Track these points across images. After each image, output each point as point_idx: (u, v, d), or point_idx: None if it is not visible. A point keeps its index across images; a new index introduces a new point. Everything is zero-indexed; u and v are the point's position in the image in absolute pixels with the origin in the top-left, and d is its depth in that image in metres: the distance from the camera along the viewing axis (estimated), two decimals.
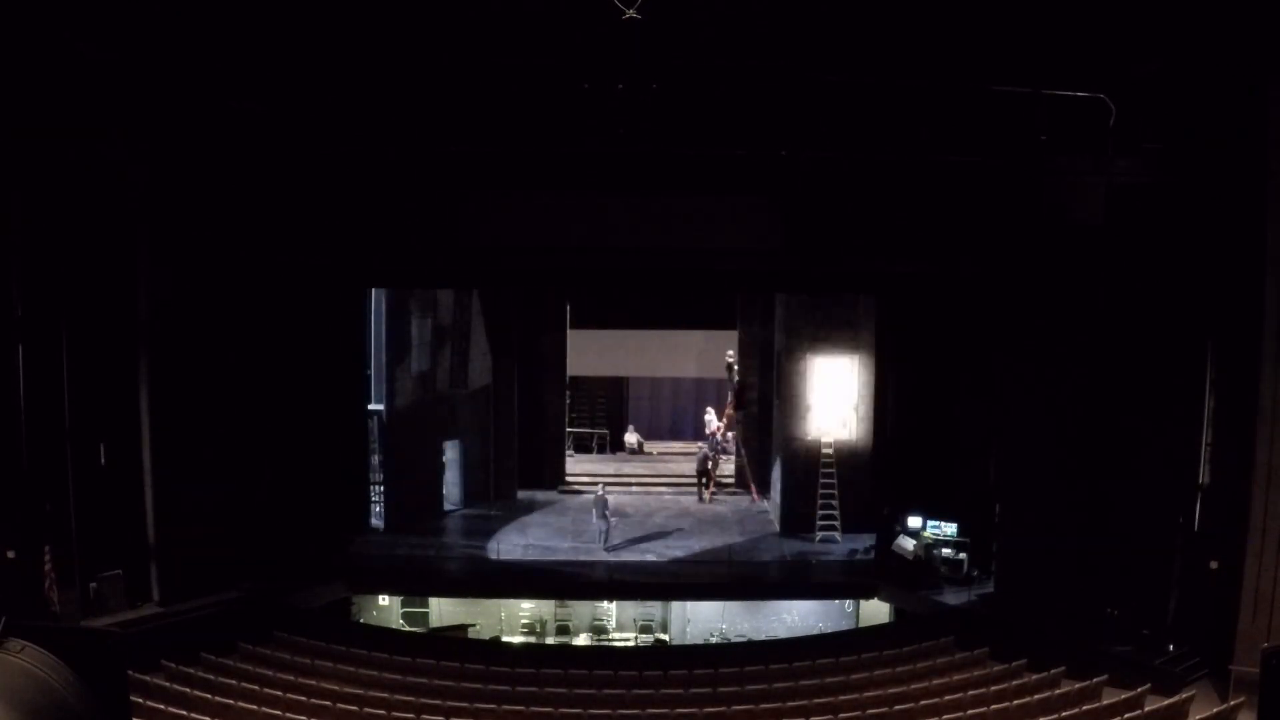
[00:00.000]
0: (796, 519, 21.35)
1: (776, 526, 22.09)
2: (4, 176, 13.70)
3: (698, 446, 24.96)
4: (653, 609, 20.17)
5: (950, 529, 18.69)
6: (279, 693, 12.61)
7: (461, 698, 13.15)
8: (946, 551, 18.42)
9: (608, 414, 29.45)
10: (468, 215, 17.12)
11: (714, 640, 19.61)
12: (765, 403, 23.90)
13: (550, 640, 19.68)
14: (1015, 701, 12.59)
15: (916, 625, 17.24)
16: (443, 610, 20.10)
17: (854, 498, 20.96)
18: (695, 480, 24.05)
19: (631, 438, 28.21)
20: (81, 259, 14.82)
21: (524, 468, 24.75)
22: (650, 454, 28.32)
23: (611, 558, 19.82)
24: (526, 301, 24.81)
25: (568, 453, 26.72)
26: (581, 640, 19.73)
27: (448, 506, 22.83)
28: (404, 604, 20.09)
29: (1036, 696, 12.76)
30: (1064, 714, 11.92)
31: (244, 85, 14.69)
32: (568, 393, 26.80)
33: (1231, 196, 14.20)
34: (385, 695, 12.90)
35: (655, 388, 29.82)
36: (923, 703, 12.79)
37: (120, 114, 14.62)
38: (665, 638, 19.98)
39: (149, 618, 15.26)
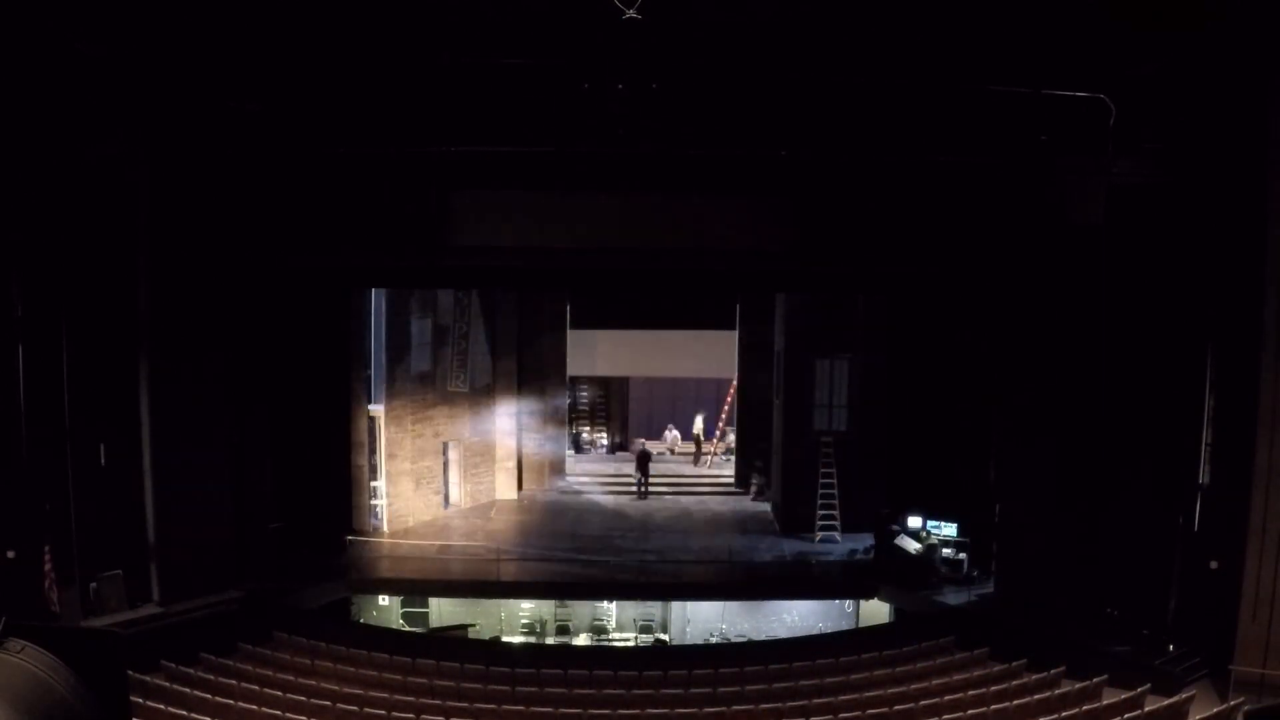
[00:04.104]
0: (796, 519, 21.37)
1: (777, 526, 22.11)
2: (4, 176, 13.69)
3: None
4: (653, 609, 20.16)
5: (950, 529, 18.68)
6: (279, 693, 12.60)
7: (461, 698, 13.15)
8: (947, 551, 18.42)
9: (607, 414, 29.50)
10: (469, 216, 17.10)
11: (714, 640, 19.60)
12: (765, 403, 23.91)
13: (550, 640, 19.67)
14: (1015, 701, 12.58)
15: (916, 625, 17.23)
16: (443, 610, 20.10)
17: (854, 498, 20.97)
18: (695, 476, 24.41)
19: (670, 434, 28.18)
20: (81, 259, 14.79)
21: (524, 468, 24.80)
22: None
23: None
24: (526, 301, 24.84)
25: (568, 453, 26.75)
26: (581, 640, 19.72)
27: (448, 507, 22.85)
28: (404, 604, 20.08)
29: (1036, 696, 12.75)
30: (1064, 714, 11.90)
31: (243, 85, 14.67)
32: (568, 393, 26.83)
33: (1231, 196, 14.18)
34: (385, 695, 12.89)
35: (654, 388, 29.85)
36: (922, 703, 12.78)
37: (120, 114, 14.61)
38: (665, 638, 19.97)
39: (149, 618, 15.23)
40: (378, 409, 21.25)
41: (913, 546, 19.03)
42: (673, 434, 28.22)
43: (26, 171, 13.89)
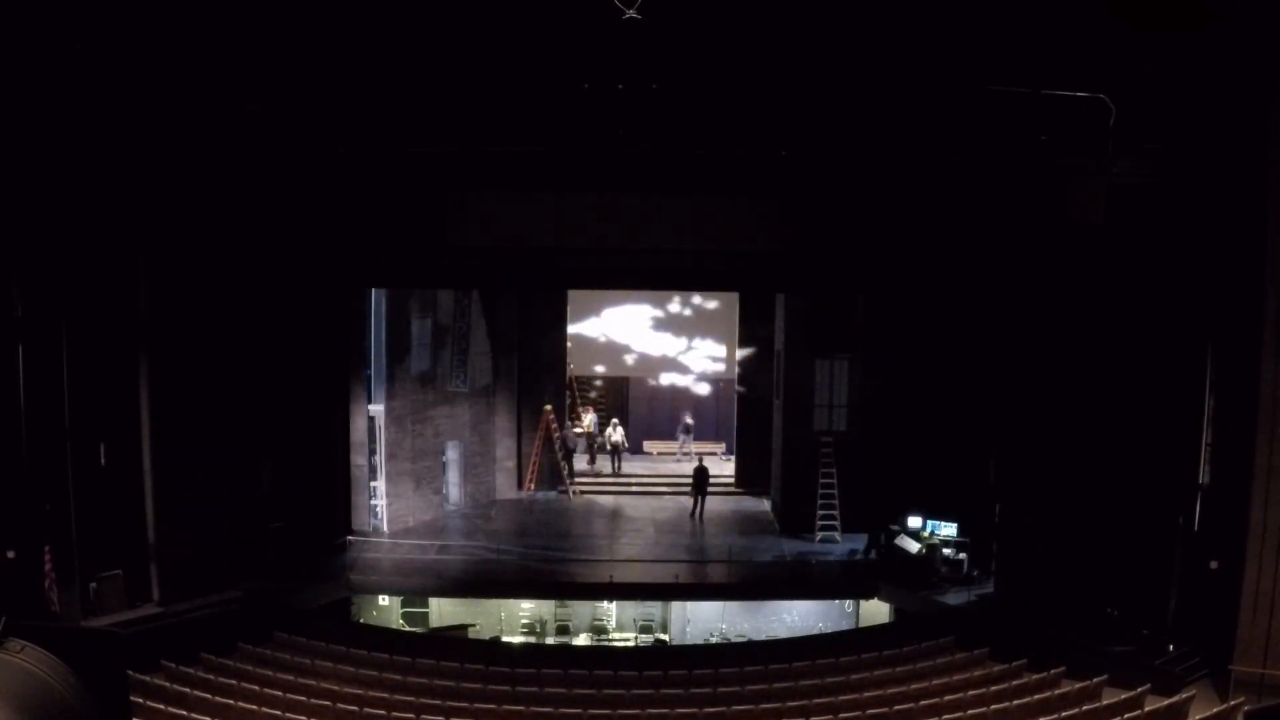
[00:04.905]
0: (796, 519, 21.36)
1: (777, 526, 22.11)
2: (4, 176, 13.69)
3: None
4: (653, 609, 20.16)
5: (950, 529, 18.68)
6: (279, 693, 12.60)
7: (461, 698, 13.14)
8: (947, 551, 18.42)
9: (608, 414, 29.46)
10: (469, 216, 17.13)
11: (714, 640, 19.60)
12: (765, 403, 23.90)
13: (550, 640, 19.67)
14: (1015, 701, 12.58)
15: (916, 625, 17.24)
16: (443, 610, 20.10)
17: (854, 498, 20.96)
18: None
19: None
20: (81, 259, 14.81)
21: (524, 468, 24.80)
22: (650, 454, 28.31)
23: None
24: (526, 301, 24.85)
25: None
26: (581, 640, 19.72)
27: (448, 507, 22.85)
28: (404, 604, 20.09)
29: (1036, 696, 12.75)
30: (1064, 714, 11.90)
31: (243, 85, 14.68)
32: (568, 393, 26.81)
33: (1232, 196, 14.19)
34: (385, 695, 12.89)
35: (654, 388, 29.83)
36: (922, 703, 12.78)
37: (120, 114, 14.62)
38: (665, 638, 19.97)
39: (149, 618, 15.23)
40: (378, 409, 21.24)
41: (913, 546, 19.03)
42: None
43: (26, 171, 13.90)
